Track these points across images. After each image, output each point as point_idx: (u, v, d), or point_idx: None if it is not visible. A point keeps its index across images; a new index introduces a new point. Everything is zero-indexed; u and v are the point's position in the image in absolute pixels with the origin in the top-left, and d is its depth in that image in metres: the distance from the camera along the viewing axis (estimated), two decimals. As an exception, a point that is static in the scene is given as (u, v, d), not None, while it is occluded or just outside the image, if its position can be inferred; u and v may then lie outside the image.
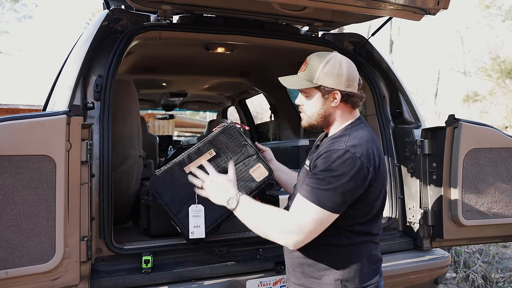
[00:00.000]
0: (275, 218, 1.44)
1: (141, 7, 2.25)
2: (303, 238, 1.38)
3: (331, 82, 1.48)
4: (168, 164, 1.82)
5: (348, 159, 1.36)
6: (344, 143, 1.41)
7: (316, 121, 1.56)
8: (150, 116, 11.84)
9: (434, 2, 1.96)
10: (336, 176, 1.35)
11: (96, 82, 1.97)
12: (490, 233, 2.24)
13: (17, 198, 1.46)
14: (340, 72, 1.47)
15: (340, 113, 1.54)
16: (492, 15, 18.57)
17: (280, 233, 1.41)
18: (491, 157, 2.15)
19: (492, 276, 4.28)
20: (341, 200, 1.36)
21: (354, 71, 1.52)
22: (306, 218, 1.37)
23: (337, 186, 1.35)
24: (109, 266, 1.86)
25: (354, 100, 1.51)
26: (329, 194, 1.35)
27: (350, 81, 1.48)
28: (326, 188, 1.35)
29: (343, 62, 1.50)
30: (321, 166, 1.39)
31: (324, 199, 1.35)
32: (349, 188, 1.36)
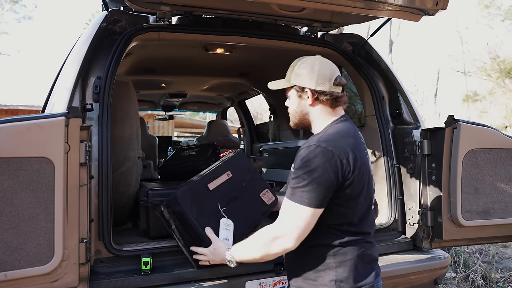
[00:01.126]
0: (263, 236, 1.50)
1: (140, 9, 2.25)
2: (294, 238, 1.42)
3: (301, 81, 1.58)
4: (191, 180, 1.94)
5: (318, 153, 1.41)
6: (316, 139, 1.47)
7: (297, 120, 1.65)
8: (149, 117, 11.84)
9: (432, 3, 1.96)
10: (309, 171, 1.40)
11: (95, 84, 1.96)
12: (490, 234, 2.24)
13: (16, 200, 1.45)
14: (311, 72, 1.56)
15: (319, 112, 1.60)
16: (491, 15, 18.57)
17: (272, 245, 1.46)
18: (490, 158, 2.15)
19: (492, 276, 4.28)
20: (319, 194, 1.40)
21: (328, 71, 1.57)
22: (291, 219, 1.43)
23: (311, 180, 1.39)
24: (108, 268, 1.86)
25: (329, 98, 1.56)
26: (306, 190, 1.40)
27: (321, 80, 1.55)
28: (303, 184, 1.40)
29: (316, 62, 1.59)
30: (296, 165, 1.45)
31: (302, 196, 1.40)
32: (324, 180, 1.39)
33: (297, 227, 1.42)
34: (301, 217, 1.41)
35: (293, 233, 1.42)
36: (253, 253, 1.54)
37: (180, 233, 1.84)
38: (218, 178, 1.92)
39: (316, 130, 1.62)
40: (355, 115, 3.64)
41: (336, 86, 1.57)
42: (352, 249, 1.51)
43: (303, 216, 1.41)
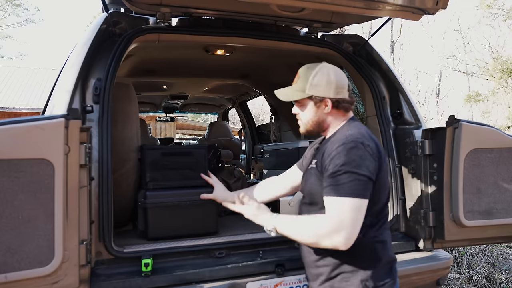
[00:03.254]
0: (314, 225, 1.51)
1: (140, 10, 2.25)
2: (348, 233, 1.43)
3: (321, 91, 1.64)
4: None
5: (358, 149, 1.50)
6: (347, 137, 1.54)
7: (312, 127, 1.72)
8: (151, 119, 11.87)
9: (433, 2, 1.96)
10: (354, 166, 1.47)
11: (95, 86, 1.96)
12: (492, 234, 2.22)
13: (15, 201, 1.45)
14: (329, 81, 1.64)
15: (333, 118, 1.70)
16: (493, 15, 18.54)
17: (324, 237, 1.46)
18: (492, 158, 2.14)
19: (495, 277, 4.25)
20: (365, 186, 1.47)
21: (343, 79, 1.67)
22: (342, 213, 1.44)
23: (357, 175, 1.46)
24: (109, 270, 1.85)
25: (345, 105, 1.67)
26: (353, 183, 1.45)
27: (339, 89, 1.65)
28: (348, 180, 1.46)
29: (331, 71, 1.66)
30: (335, 163, 1.50)
31: (350, 189, 1.45)
32: (367, 173, 1.48)
33: (351, 221, 1.44)
34: (353, 210, 1.44)
35: (347, 227, 1.44)
36: (300, 235, 1.55)
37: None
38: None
39: (330, 132, 1.71)
40: (356, 115, 3.64)
41: (349, 92, 1.69)
42: (372, 247, 1.59)
43: (355, 209, 1.45)
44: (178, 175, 2.36)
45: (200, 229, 2.29)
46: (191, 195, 2.30)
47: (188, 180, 2.37)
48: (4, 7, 25.82)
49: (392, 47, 18.60)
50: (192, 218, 2.28)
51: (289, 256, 2.07)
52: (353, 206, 1.44)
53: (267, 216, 1.69)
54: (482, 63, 18.94)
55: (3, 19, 26.21)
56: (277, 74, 3.95)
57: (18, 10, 26.41)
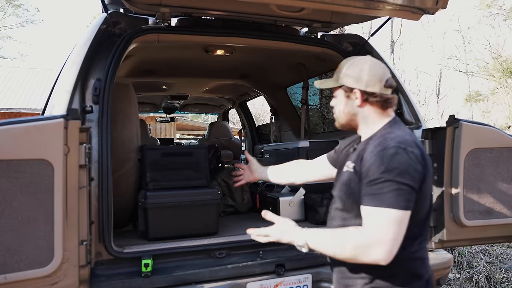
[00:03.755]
0: (351, 240, 1.37)
1: (139, 10, 2.25)
2: (389, 246, 1.31)
3: (351, 81, 1.53)
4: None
5: (401, 155, 1.36)
6: (388, 141, 1.40)
7: (343, 120, 1.61)
8: (151, 119, 11.87)
9: (432, 2, 1.96)
10: (396, 175, 1.33)
11: (95, 86, 1.96)
12: (492, 234, 2.22)
13: (15, 202, 1.45)
14: (361, 73, 1.52)
15: (368, 114, 1.55)
16: (493, 14, 18.54)
17: (363, 253, 1.34)
18: (492, 157, 2.13)
19: (496, 277, 4.25)
20: (408, 196, 1.34)
21: (378, 72, 1.52)
22: (383, 225, 1.32)
23: (399, 184, 1.33)
24: (108, 270, 1.85)
25: (379, 100, 1.51)
26: (395, 193, 1.32)
27: (371, 81, 1.51)
28: (390, 189, 1.33)
29: (366, 63, 1.54)
30: (375, 170, 1.36)
31: (392, 200, 1.32)
32: (411, 183, 1.34)
33: (392, 234, 1.31)
34: (394, 222, 1.32)
35: (389, 241, 1.31)
36: (336, 250, 1.40)
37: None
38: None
39: (365, 131, 1.57)
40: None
41: (386, 88, 1.52)
42: (416, 263, 1.47)
43: (396, 222, 1.32)
44: (178, 176, 2.36)
45: (200, 229, 2.29)
46: (192, 195, 2.30)
47: (188, 181, 2.38)
48: (4, 7, 25.84)
49: (392, 47, 18.60)
50: (192, 219, 2.28)
51: (289, 256, 2.07)
52: (394, 218, 1.31)
53: (296, 231, 1.52)
54: (482, 63, 18.94)
55: (3, 20, 26.23)
56: (277, 74, 3.95)
57: (18, 11, 26.43)
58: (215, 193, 2.37)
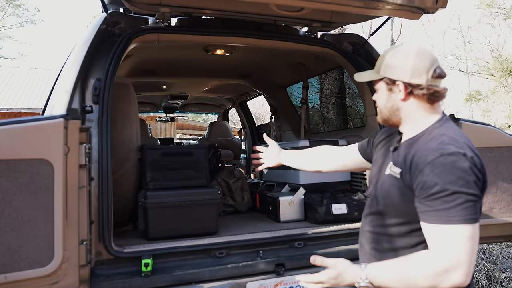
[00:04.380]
0: (424, 267, 1.20)
1: (139, 10, 2.25)
2: (466, 267, 1.16)
3: (394, 73, 1.36)
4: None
5: (463, 162, 1.20)
6: (447, 146, 1.24)
7: (386, 116, 1.44)
8: (151, 119, 11.88)
9: (432, 1, 1.96)
10: (462, 185, 1.18)
11: (95, 86, 1.96)
12: (492, 233, 2.22)
13: (15, 202, 1.45)
14: (404, 62, 1.34)
15: (413, 109, 1.37)
16: (493, 14, 18.51)
17: (442, 278, 1.17)
18: (492, 157, 2.14)
19: (496, 276, 4.25)
20: (476, 207, 1.20)
21: (426, 61, 1.34)
22: (457, 244, 1.18)
23: (466, 195, 1.18)
24: (108, 270, 1.85)
25: (425, 93, 1.33)
26: (464, 206, 1.18)
27: (416, 72, 1.33)
28: (458, 203, 1.18)
29: (411, 52, 1.35)
30: (439, 180, 1.19)
31: (462, 214, 1.17)
32: (477, 192, 1.20)
33: (467, 252, 1.17)
34: (468, 238, 1.17)
35: (465, 261, 1.16)
36: (408, 282, 1.22)
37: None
38: None
39: (409, 129, 1.39)
40: (357, 115, 3.64)
41: (435, 79, 1.33)
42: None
43: (470, 237, 1.17)
44: (178, 175, 2.36)
45: (200, 229, 2.29)
46: (191, 195, 2.31)
47: (188, 180, 2.38)
48: (4, 7, 25.84)
49: (392, 47, 18.56)
50: (192, 218, 2.28)
51: (289, 256, 2.07)
52: (467, 234, 1.17)
53: (354, 271, 1.31)
54: (482, 62, 18.91)
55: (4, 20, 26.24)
56: (277, 74, 3.95)
57: (19, 11, 26.43)
58: (215, 192, 2.38)
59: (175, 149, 2.90)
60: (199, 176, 2.41)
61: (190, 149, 2.57)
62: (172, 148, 3.36)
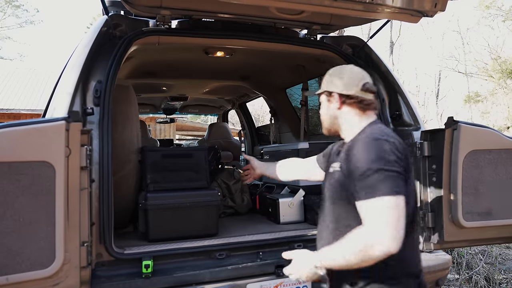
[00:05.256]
0: (357, 239, 1.37)
1: (140, 13, 2.26)
2: (393, 233, 1.31)
3: (331, 86, 1.64)
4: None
5: (385, 144, 1.42)
6: (372, 135, 1.47)
7: (327, 124, 1.69)
8: (151, 120, 11.88)
9: (431, 5, 1.97)
10: (383, 163, 1.37)
11: (96, 88, 1.97)
12: (491, 235, 2.23)
13: (16, 204, 1.46)
14: (340, 77, 1.63)
15: (349, 117, 1.61)
16: (492, 16, 18.57)
17: (373, 248, 1.32)
18: (490, 159, 2.14)
19: (495, 277, 4.26)
20: (398, 182, 1.36)
21: (357, 77, 1.62)
22: (381, 213, 1.33)
23: (387, 171, 1.36)
24: (109, 271, 1.86)
25: (356, 101, 1.59)
26: (385, 181, 1.35)
27: (348, 85, 1.60)
28: (380, 179, 1.36)
29: (346, 70, 1.66)
30: (365, 162, 1.40)
31: (384, 188, 1.34)
32: (398, 169, 1.38)
33: (394, 220, 1.32)
34: (393, 208, 1.33)
35: (392, 228, 1.31)
36: (346, 255, 1.39)
37: None
38: None
39: (347, 134, 1.61)
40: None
41: (364, 91, 1.59)
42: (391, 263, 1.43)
43: (395, 208, 1.34)
44: (178, 177, 2.37)
45: (200, 230, 2.30)
46: (192, 197, 2.31)
47: (188, 182, 2.38)
48: (3, 8, 25.84)
49: (391, 48, 18.62)
50: (192, 220, 2.29)
51: (289, 257, 2.07)
52: (390, 205, 1.33)
53: (310, 257, 1.54)
54: (481, 64, 18.96)
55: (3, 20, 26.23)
56: (276, 76, 3.96)
57: (18, 11, 26.42)
58: (215, 194, 2.38)
59: (175, 150, 2.92)
60: (199, 177, 2.42)
61: (190, 151, 2.59)
62: (172, 150, 3.37)
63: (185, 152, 2.54)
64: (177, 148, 4.11)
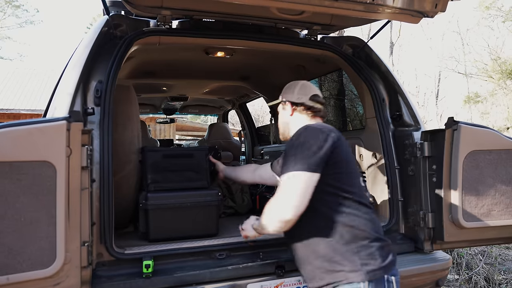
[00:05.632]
0: (269, 205, 1.64)
1: (141, 13, 2.26)
2: (293, 200, 1.55)
3: (285, 96, 2.01)
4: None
5: (308, 129, 1.69)
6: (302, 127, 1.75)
7: (282, 130, 2.01)
8: (151, 120, 11.88)
9: (431, 5, 1.97)
10: (300, 144, 1.62)
11: (96, 88, 1.97)
12: (491, 235, 2.24)
13: (17, 203, 1.46)
14: (292, 89, 1.99)
15: (298, 122, 1.88)
16: (492, 16, 18.58)
17: (277, 211, 1.59)
18: (490, 159, 2.15)
19: (495, 278, 4.26)
20: (313, 160, 1.58)
21: (307, 89, 1.97)
22: (285, 184, 1.58)
23: (302, 149, 1.60)
24: (110, 271, 1.86)
25: (305, 109, 1.92)
26: (300, 158, 1.58)
27: (299, 95, 1.95)
28: (297, 157, 1.59)
29: (298, 83, 2.02)
30: (287, 148, 1.68)
31: (296, 164, 1.57)
32: (315, 147, 1.60)
33: (295, 190, 1.55)
34: (298, 183, 1.55)
35: (293, 197, 1.55)
36: (266, 220, 1.67)
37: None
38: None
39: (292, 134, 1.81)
40: (356, 117, 3.64)
41: (312, 101, 1.93)
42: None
43: (301, 182, 1.55)
44: (179, 177, 2.37)
45: (200, 230, 2.30)
46: (192, 197, 2.31)
47: (189, 182, 2.38)
48: (3, 8, 25.84)
49: (391, 48, 18.62)
50: (192, 220, 2.29)
51: (289, 258, 2.07)
52: (295, 178, 1.55)
53: (252, 220, 1.90)
54: (481, 64, 18.97)
55: (3, 20, 26.23)
56: (277, 76, 3.96)
57: (18, 12, 26.43)
58: (216, 194, 2.39)
59: (176, 151, 2.92)
60: (200, 178, 2.42)
61: (191, 151, 2.59)
62: (173, 150, 3.37)
63: (186, 152, 2.54)
64: (178, 148, 4.11)
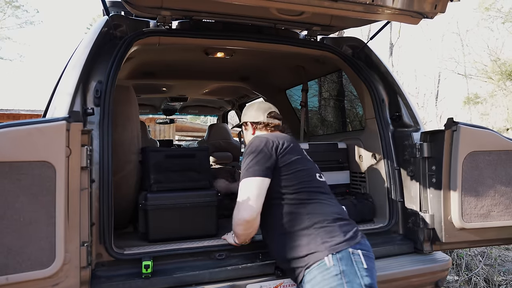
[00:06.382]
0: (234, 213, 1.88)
1: (141, 13, 2.27)
2: (247, 204, 1.77)
3: (245, 118, 2.22)
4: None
5: (255, 140, 1.92)
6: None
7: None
8: (151, 121, 11.88)
9: (431, 6, 1.98)
10: (250, 153, 1.85)
11: (96, 88, 1.98)
12: (491, 236, 2.23)
13: (17, 204, 1.46)
14: (250, 110, 2.20)
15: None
16: (492, 17, 18.60)
17: (236, 215, 1.84)
18: (490, 160, 2.15)
19: (494, 279, 4.26)
20: (261, 166, 1.81)
21: (264, 108, 2.18)
22: (240, 190, 1.82)
23: (252, 158, 1.83)
24: (109, 272, 1.86)
25: (263, 126, 2.14)
26: (251, 166, 1.82)
27: (257, 114, 2.16)
28: (248, 165, 1.83)
29: (255, 104, 2.23)
30: (242, 158, 1.89)
31: (248, 172, 1.81)
32: (262, 155, 1.83)
33: (248, 195, 1.78)
34: (250, 186, 1.79)
35: (247, 201, 1.77)
36: (234, 229, 1.94)
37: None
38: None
39: None
40: (355, 118, 3.65)
41: (270, 118, 2.14)
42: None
43: (251, 185, 1.79)
44: (181, 177, 2.37)
45: (200, 231, 2.30)
46: (191, 197, 2.31)
47: (190, 182, 2.38)
48: (3, 8, 25.84)
49: (391, 49, 18.63)
50: (192, 220, 2.29)
51: (289, 258, 2.08)
52: (246, 183, 1.80)
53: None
54: (480, 66, 18.98)
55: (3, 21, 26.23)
56: (276, 77, 3.96)
57: (18, 12, 26.42)
58: (215, 195, 2.39)
59: (178, 151, 2.92)
60: (201, 178, 2.42)
61: (193, 151, 2.59)
62: (175, 150, 3.37)
63: (188, 153, 2.54)
64: (180, 149, 4.10)
